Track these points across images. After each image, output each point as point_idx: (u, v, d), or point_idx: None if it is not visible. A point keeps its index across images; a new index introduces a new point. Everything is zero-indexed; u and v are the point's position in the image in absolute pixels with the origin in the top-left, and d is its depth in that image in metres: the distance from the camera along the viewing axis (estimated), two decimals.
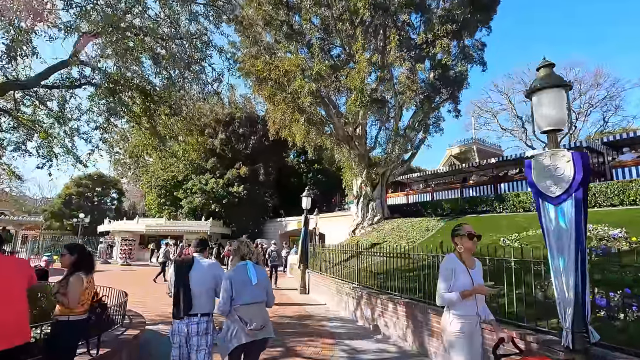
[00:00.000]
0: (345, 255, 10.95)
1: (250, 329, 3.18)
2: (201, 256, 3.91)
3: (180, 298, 3.48)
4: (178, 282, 3.57)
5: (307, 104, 13.88)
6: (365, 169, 16.18)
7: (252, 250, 3.84)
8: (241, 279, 3.46)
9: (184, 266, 3.68)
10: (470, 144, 25.04)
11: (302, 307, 9.90)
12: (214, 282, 3.70)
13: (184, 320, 3.46)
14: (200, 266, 3.72)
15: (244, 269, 3.58)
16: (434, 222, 13.88)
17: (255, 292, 3.46)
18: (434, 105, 15.08)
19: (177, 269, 3.69)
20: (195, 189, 28.65)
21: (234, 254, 3.80)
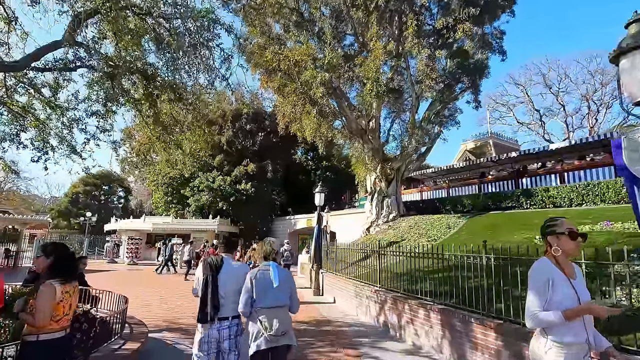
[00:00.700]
0: (362, 254, 10.23)
1: (271, 334, 3.02)
2: (230, 257, 3.75)
3: (209, 301, 3.27)
4: (207, 283, 3.36)
5: (319, 95, 13.13)
6: (379, 163, 15.41)
7: (275, 250, 3.69)
8: (263, 280, 3.32)
9: (214, 267, 3.48)
10: (486, 138, 24.08)
11: (318, 310, 9.18)
12: (241, 285, 3.47)
13: (214, 325, 3.25)
14: (229, 267, 3.54)
15: (267, 270, 3.43)
16: (454, 219, 13.08)
17: (277, 295, 3.30)
18: (453, 95, 14.25)
19: (206, 270, 3.47)
20: (202, 186, 28.10)
21: (258, 254, 3.71)
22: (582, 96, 28.51)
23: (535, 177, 15.61)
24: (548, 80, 29.67)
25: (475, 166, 19.35)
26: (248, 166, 29.10)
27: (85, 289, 6.84)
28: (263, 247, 3.68)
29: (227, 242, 3.92)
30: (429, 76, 12.15)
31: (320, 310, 9.22)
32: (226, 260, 3.59)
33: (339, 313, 8.90)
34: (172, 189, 30.27)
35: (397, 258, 7.83)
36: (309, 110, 13.88)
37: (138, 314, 8.27)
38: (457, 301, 5.54)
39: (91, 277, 16.25)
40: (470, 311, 5.19)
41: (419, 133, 13.53)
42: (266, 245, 3.68)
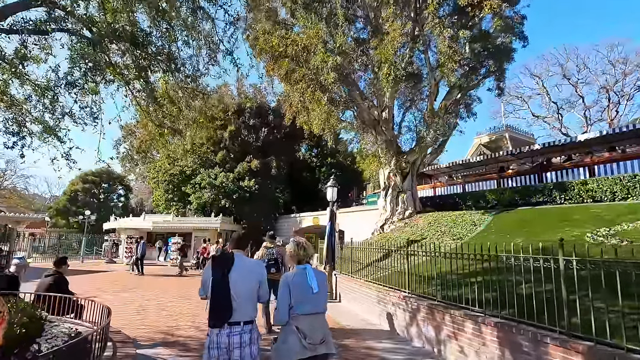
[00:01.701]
0: (381, 254, 9.18)
1: (310, 343, 2.88)
2: (242, 253, 3.33)
3: (219, 303, 2.94)
4: (216, 283, 2.99)
5: (330, 81, 12.04)
6: (394, 156, 14.31)
7: (309, 253, 3.37)
8: (301, 286, 3.09)
9: (224, 265, 3.10)
10: (501, 132, 22.91)
11: (333, 317, 8.11)
12: (257, 283, 3.18)
13: (224, 330, 2.90)
14: (241, 265, 3.15)
15: (304, 274, 3.18)
16: (478, 215, 11.99)
17: (316, 301, 3.11)
18: (474, 81, 13.13)
19: (216, 269, 3.09)
20: (204, 183, 27.07)
21: (290, 259, 3.40)
22: (601, 87, 27.34)
23: (561, 170, 14.50)
24: (567, 71, 28.50)
25: (493, 160, 18.23)
26: (251, 162, 28.04)
27: (65, 297, 5.81)
28: (295, 250, 3.34)
29: (239, 237, 3.49)
30: (451, 58, 11.03)
31: (336, 317, 8.15)
32: (238, 257, 3.17)
33: (359, 321, 7.83)
34: (173, 186, 29.26)
35: (428, 259, 6.75)
36: (319, 97, 12.78)
37: (130, 323, 7.25)
38: (518, 313, 4.47)
39: (86, 279, 15.39)
40: (541, 327, 4.11)
41: (439, 122, 12.41)
42: (298, 248, 3.35)
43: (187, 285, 13.33)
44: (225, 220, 26.24)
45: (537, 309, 4.20)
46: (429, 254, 6.47)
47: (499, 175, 17.14)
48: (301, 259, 3.29)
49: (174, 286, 13.20)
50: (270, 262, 6.72)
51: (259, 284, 3.16)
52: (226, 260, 3.13)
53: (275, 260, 6.85)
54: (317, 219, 25.12)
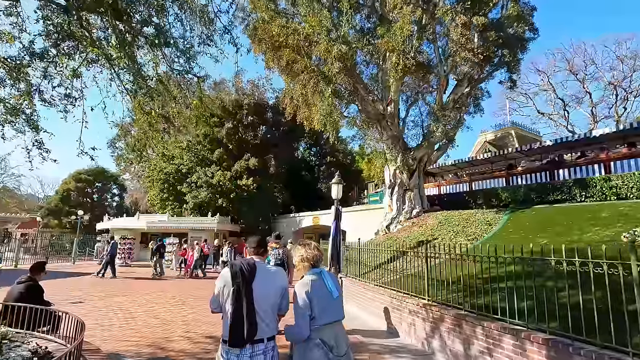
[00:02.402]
0: (388, 255, 8.47)
1: (337, 355, 2.61)
2: (261, 260, 2.92)
3: (244, 319, 2.48)
4: (238, 296, 2.54)
5: (335, 71, 11.31)
6: (400, 152, 13.60)
7: (322, 255, 2.95)
8: (321, 294, 2.72)
9: (247, 275, 2.63)
10: (507, 129, 22.27)
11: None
12: (280, 294, 2.76)
13: (247, 350, 2.49)
14: (265, 274, 2.72)
15: (321, 279, 2.79)
16: (491, 214, 11.30)
17: (336, 307, 2.80)
18: (487, 72, 12.45)
19: (236, 278, 2.62)
20: (200, 182, 26.27)
21: (302, 264, 2.90)
22: (609, 83, 26.73)
23: (575, 167, 13.83)
24: (573, 67, 27.89)
25: (501, 157, 17.54)
26: (249, 161, 27.24)
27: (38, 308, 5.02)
28: (309, 253, 2.90)
29: (259, 241, 3.01)
30: (464, 47, 10.33)
31: (346, 324, 7.40)
32: (260, 265, 2.79)
33: (370, 329, 7.09)
34: (169, 185, 28.41)
35: (447, 261, 6.02)
36: (322, 89, 12.04)
37: (116, 334, 6.47)
38: (572, 328, 3.74)
39: (75, 282, 14.49)
40: (607, 347, 3.39)
41: (450, 115, 11.70)
42: (309, 249, 2.92)
43: (182, 289, 12.53)
44: (222, 221, 25.43)
45: (598, 323, 3.48)
46: (453, 255, 5.73)
47: (507, 173, 16.45)
48: (317, 262, 2.91)
49: (166, 290, 12.40)
50: (277, 263, 6.71)
51: (282, 295, 2.80)
52: (250, 269, 2.69)
53: (281, 261, 6.83)
54: (318, 219, 24.38)
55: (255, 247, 2.95)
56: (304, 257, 2.87)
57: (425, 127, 14.53)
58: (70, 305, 9.14)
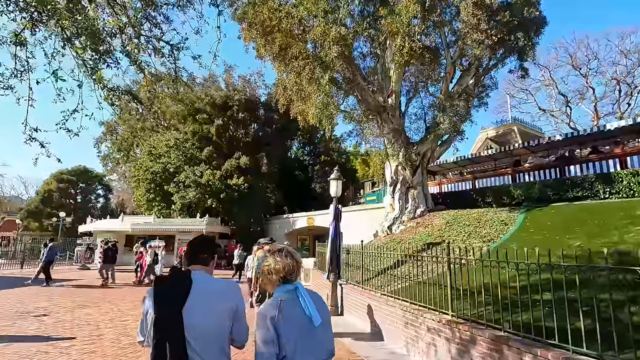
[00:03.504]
0: (394, 259, 7.43)
1: None
2: (203, 270, 1.99)
3: (166, 353, 1.72)
4: (161, 323, 1.77)
5: (333, 56, 10.24)
6: (402, 147, 12.57)
7: (299, 264, 1.98)
8: (296, 320, 1.79)
9: (174, 293, 1.84)
10: (509, 125, 21.46)
11: (343, 341, 6.27)
12: (229, 318, 1.90)
13: None
14: (204, 290, 1.88)
15: (296, 300, 1.86)
16: (505, 213, 10.32)
17: (320, 340, 1.84)
18: (496, 59, 11.51)
19: (160, 297, 1.84)
20: (188, 181, 24.97)
21: (268, 277, 1.93)
22: (612, 79, 26.11)
23: (587, 163, 12.97)
24: (576, 61, 27.10)
25: (505, 154, 16.64)
26: (240, 159, 26.05)
27: None
28: (276, 261, 1.90)
29: (201, 242, 2.10)
30: (475, 28, 9.34)
31: (346, 342, 6.32)
32: (199, 277, 1.89)
33: (379, 351, 6.00)
34: (155, 185, 27.05)
35: (471, 267, 4.97)
36: (318, 77, 10.95)
37: (76, 357, 5.29)
38: None
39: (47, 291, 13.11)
40: None
41: (459, 104, 10.70)
42: (282, 257, 1.92)
43: None
44: (211, 222, 24.18)
45: None
46: (486, 262, 4.66)
47: (514, 170, 15.57)
48: (291, 275, 1.94)
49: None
50: None
51: (233, 319, 1.92)
52: (178, 284, 1.88)
53: None
54: (312, 219, 23.27)
55: (191, 253, 2.06)
56: (271, 269, 1.92)
57: (428, 120, 13.55)
58: (32, 319, 7.94)
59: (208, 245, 2.17)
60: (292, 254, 1.99)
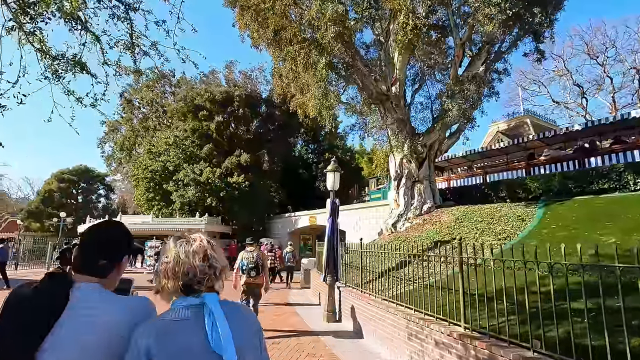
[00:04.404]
0: (399, 259, 6.55)
1: None
2: (97, 284, 1.22)
3: None
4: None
5: (330, 36, 9.36)
6: (407, 138, 11.64)
7: (214, 265, 1.18)
8: (183, 356, 1.06)
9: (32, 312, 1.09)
10: (521, 117, 20.34)
11: (337, 354, 5.39)
12: (107, 348, 1.11)
13: None
14: (82, 320, 1.11)
15: (196, 322, 1.11)
16: (521, 208, 9.34)
17: None
18: (509, 40, 10.53)
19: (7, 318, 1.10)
20: (187, 180, 24.28)
21: (162, 277, 1.17)
22: (631, 68, 24.72)
23: (610, 154, 11.91)
24: (593, 49, 25.76)
25: (519, 147, 15.59)
26: (241, 157, 25.29)
27: None
28: (174, 257, 1.15)
29: (94, 240, 1.32)
30: (488, 1, 8.38)
31: (342, 355, 5.43)
32: (81, 296, 1.15)
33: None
34: (155, 184, 26.43)
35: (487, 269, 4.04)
36: (315, 61, 10.08)
37: None
38: None
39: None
40: None
41: (470, 88, 9.74)
42: (184, 252, 1.15)
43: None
44: (211, 221, 23.47)
45: None
46: (509, 263, 3.73)
47: (528, 164, 14.51)
48: (196, 282, 1.13)
49: None
50: (250, 267, 6.54)
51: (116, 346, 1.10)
52: (45, 300, 1.11)
53: (255, 264, 6.56)
54: (314, 218, 22.41)
55: (81, 256, 1.28)
56: (166, 270, 1.16)
57: (435, 109, 12.60)
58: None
59: (112, 243, 1.35)
60: (208, 249, 1.19)
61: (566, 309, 3.45)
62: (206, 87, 27.10)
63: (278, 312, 9.09)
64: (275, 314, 8.65)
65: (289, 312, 8.94)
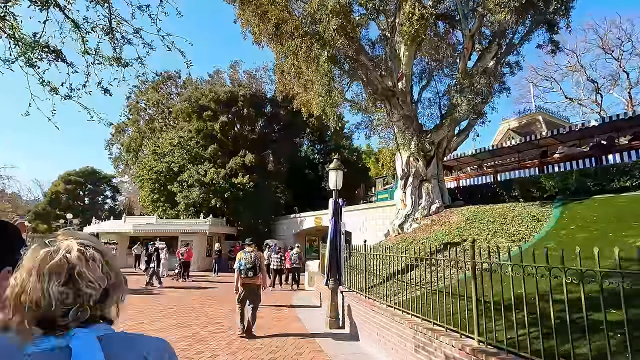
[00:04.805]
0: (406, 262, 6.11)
1: None
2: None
3: None
4: None
5: (332, 28, 8.96)
6: (414, 135, 11.16)
7: (90, 287, 0.74)
8: None
9: None
10: (533, 114, 19.67)
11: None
12: None
13: None
14: None
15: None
16: (536, 208, 8.82)
17: None
18: (521, 31, 10.01)
19: None
20: (191, 180, 24.04)
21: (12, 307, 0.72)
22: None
23: (629, 151, 11.30)
24: (608, 43, 24.82)
25: (531, 144, 14.99)
26: (245, 157, 24.99)
27: None
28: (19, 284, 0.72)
29: None
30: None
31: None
32: None
33: None
34: (159, 185, 26.28)
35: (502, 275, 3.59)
36: (317, 55, 9.68)
37: None
38: None
39: None
40: None
41: (480, 81, 9.25)
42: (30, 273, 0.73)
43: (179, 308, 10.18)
44: (215, 222, 23.17)
45: None
46: (533, 267, 3.27)
47: (541, 162, 13.94)
48: (47, 312, 0.70)
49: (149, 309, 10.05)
50: (248, 267, 6.54)
51: None
52: None
53: (252, 265, 6.56)
54: (320, 219, 22.01)
55: None
56: (11, 298, 0.73)
57: (443, 105, 12.10)
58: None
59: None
60: (77, 266, 0.76)
61: (598, 321, 3.01)
62: (211, 87, 26.91)
63: (279, 314, 8.72)
64: (275, 319, 8.24)
65: (291, 318, 8.54)
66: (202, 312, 8.94)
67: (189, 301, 10.61)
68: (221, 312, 8.86)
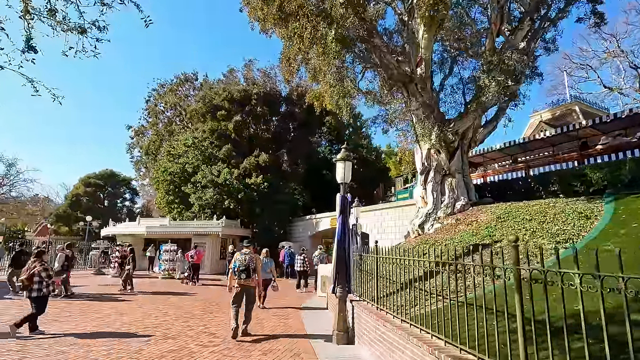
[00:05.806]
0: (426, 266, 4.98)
1: None
2: None
3: None
4: None
5: (339, 3, 7.98)
6: (435, 125, 10.00)
7: None
8: None
9: None
10: (568, 105, 17.95)
11: None
12: None
13: None
14: None
15: None
16: (581, 203, 7.51)
17: None
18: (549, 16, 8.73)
19: None
20: (205, 181, 23.53)
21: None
22: None
23: None
24: None
25: (569, 136, 13.48)
26: (259, 157, 24.29)
27: None
28: None
29: None
30: None
31: None
32: None
33: None
34: (174, 187, 25.96)
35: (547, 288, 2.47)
36: (323, 35, 8.72)
37: None
38: None
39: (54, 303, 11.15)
40: None
41: (513, 57, 8.02)
42: None
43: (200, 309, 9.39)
44: (229, 224, 22.53)
45: None
46: (618, 277, 2.17)
47: (580, 155, 12.45)
48: None
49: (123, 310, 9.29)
50: (241, 269, 6.53)
51: None
52: None
53: (246, 267, 6.56)
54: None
55: None
56: None
57: (468, 90, 10.88)
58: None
59: None
60: None
61: None
62: (224, 87, 26.45)
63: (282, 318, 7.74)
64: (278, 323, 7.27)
65: (295, 326, 7.54)
66: (204, 316, 8.08)
67: (190, 308, 9.80)
68: (223, 315, 7.97)
